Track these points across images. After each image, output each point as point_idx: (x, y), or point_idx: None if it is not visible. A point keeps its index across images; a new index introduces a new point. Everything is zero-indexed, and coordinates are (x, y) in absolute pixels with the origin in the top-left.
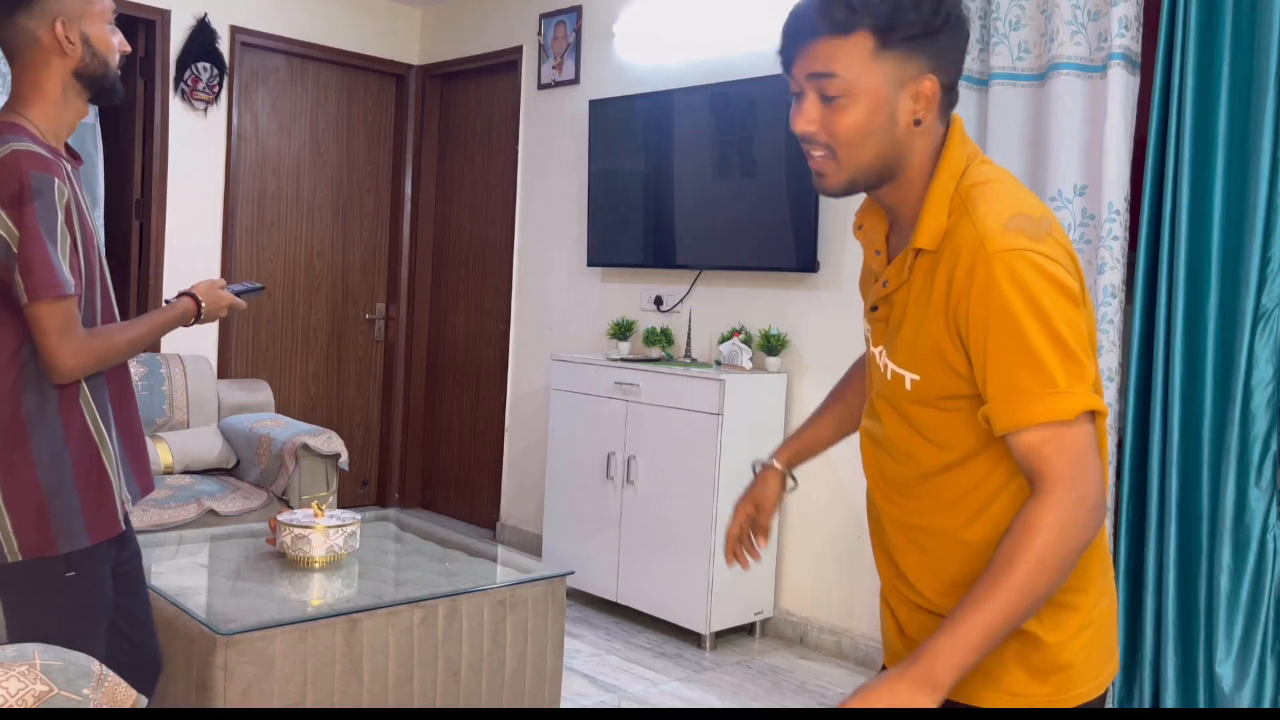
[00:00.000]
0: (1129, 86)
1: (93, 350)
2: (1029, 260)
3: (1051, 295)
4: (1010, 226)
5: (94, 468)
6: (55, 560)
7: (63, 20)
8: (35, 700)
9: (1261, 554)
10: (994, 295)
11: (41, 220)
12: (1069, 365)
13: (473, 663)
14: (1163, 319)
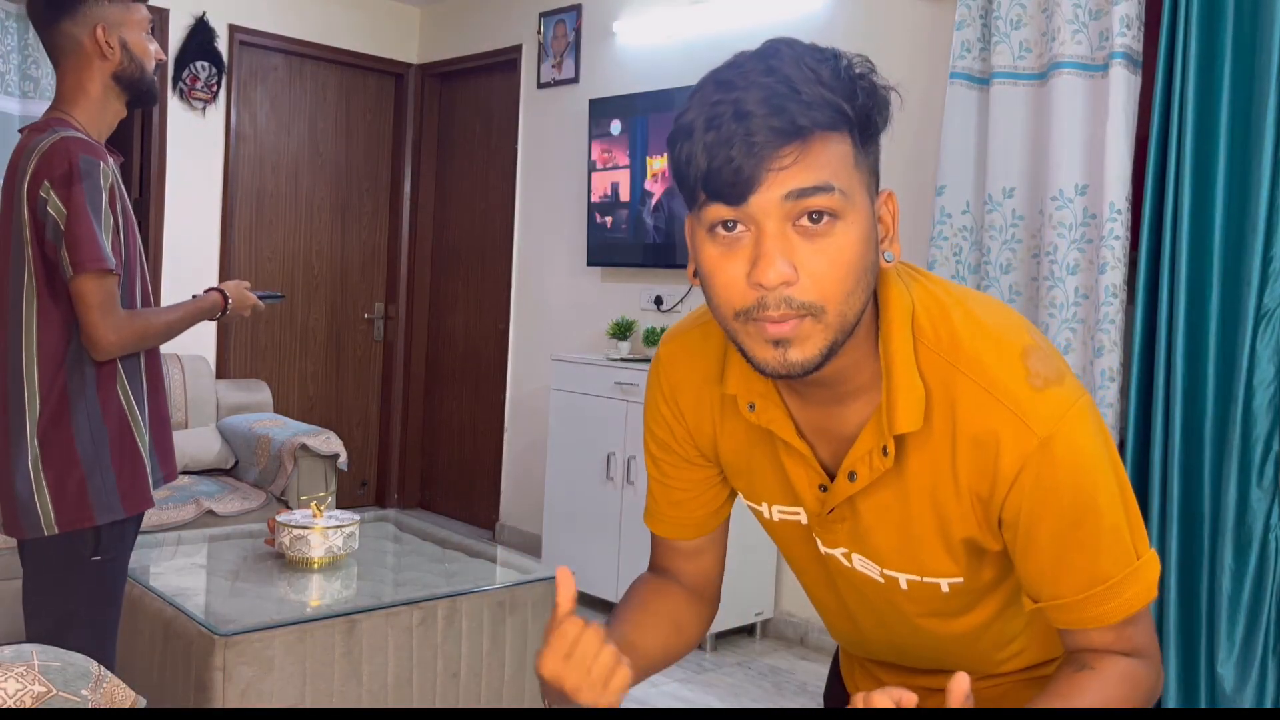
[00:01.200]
0: (1130, 86)
1: (132, 329)
2: (1079, 423)
3: (1110, 457)
4: (1036, 384)
5: (127, 444)
6: (87, 539)
7: (103, 26)
8: (34, 701)
9: (1263, 555)
10: (1065, 489)
11: (89, 199)
12: (1137, 524)
13: (472, 664)
14: (1164, 319)
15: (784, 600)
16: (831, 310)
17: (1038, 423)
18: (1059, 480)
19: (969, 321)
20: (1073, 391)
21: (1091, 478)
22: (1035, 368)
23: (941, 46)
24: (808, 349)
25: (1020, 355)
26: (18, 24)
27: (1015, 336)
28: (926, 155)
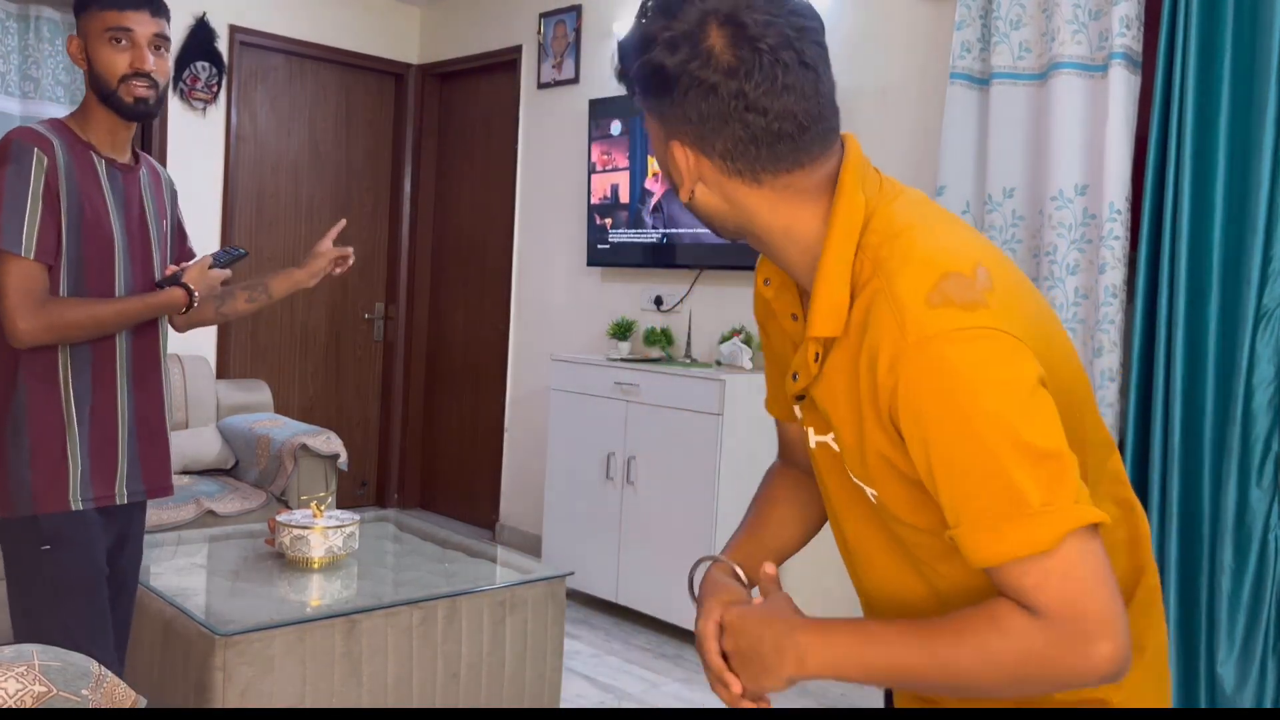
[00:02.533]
0: (1130, 86)
1: (49, 317)
2: (966, 344)
3: (1003, 388)
4: (934, 300)
5: (53, 443)
6: (30, 526)
7: (77, 40)
8: (34, 701)
9: (1263, 555)
10: (928, 399)
11: (9, 183)
12: (1040, 473)
13: (472, 663)
14: (1164, 319)
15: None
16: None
17: (912, 329)
18: (924, 400)
19: (913, 241)
20: (977, 318)
21: (965, 406)
22: (945, 288)
23: (941, 47)
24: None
25: (938, 277)
26: (18, 24)
27: (947, 262)
28: (926, 155)
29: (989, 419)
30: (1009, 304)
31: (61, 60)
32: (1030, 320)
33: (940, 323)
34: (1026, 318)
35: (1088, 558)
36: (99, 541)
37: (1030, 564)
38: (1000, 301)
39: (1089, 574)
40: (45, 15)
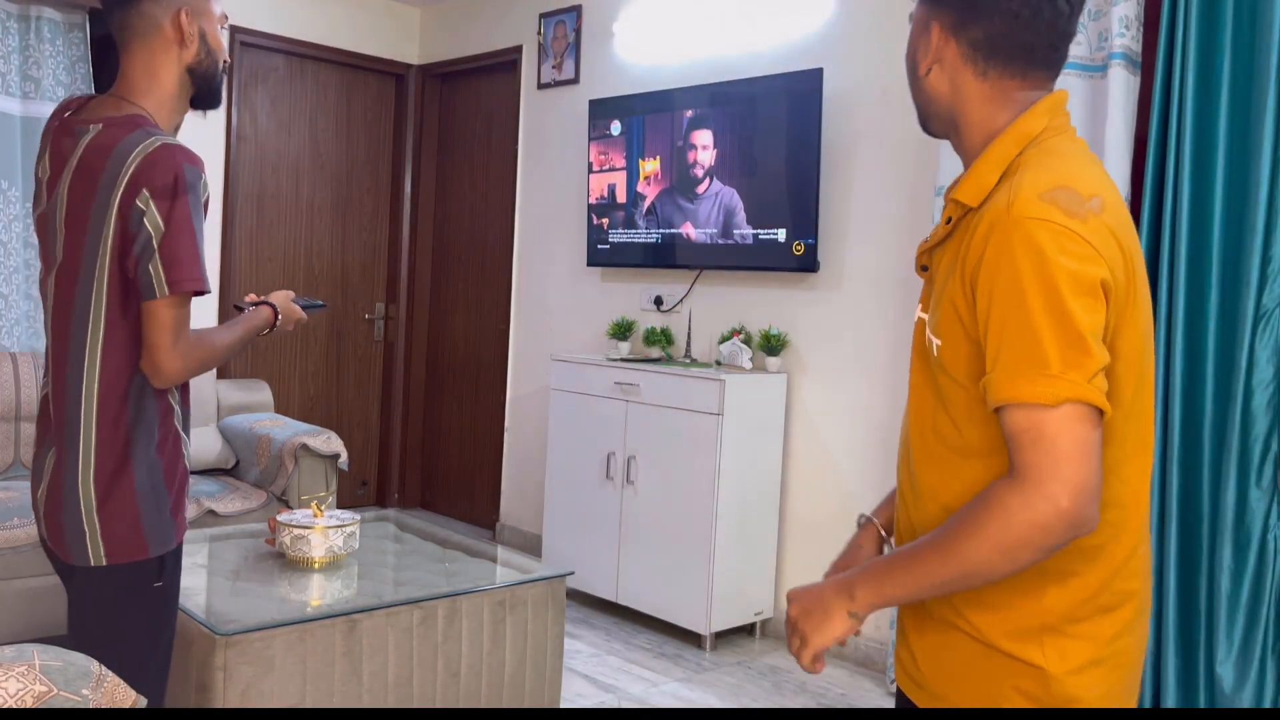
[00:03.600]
0: (1129, 86)
1: (198, 355)
2: (1053, 232)
3: (1068, 272)
4: (1046, 197)
5: (179, 474)
6: (150, 567)
7: (187, 11)
8: (35, 701)
9: (1262, 555)
10: (1005, 261)
11: (194, 214)
12: (1069, 350)
13: (472, 663)
14: (1163, 319)
15: (784, 600)
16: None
17: (1018, 206)
18: (1003, 260)
19: (1056, 162)
20: (1074, 224)
21: (1030, 274)
22: (1057, 193)
23: None
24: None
25: (1057, 185)
26: (19, 24)
27: (1071, 181)
28: (926, 155)
29: (1045, 291)
30: (1104, 233)
31: (62, 60)
32: (1130, 264)
33: (1040, 211)
34: (1129, 257)
35: (1077, 427)
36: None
37: (1029, 411)
38: (1098, 224)
39: (1071, 447)
40: (46, 15)
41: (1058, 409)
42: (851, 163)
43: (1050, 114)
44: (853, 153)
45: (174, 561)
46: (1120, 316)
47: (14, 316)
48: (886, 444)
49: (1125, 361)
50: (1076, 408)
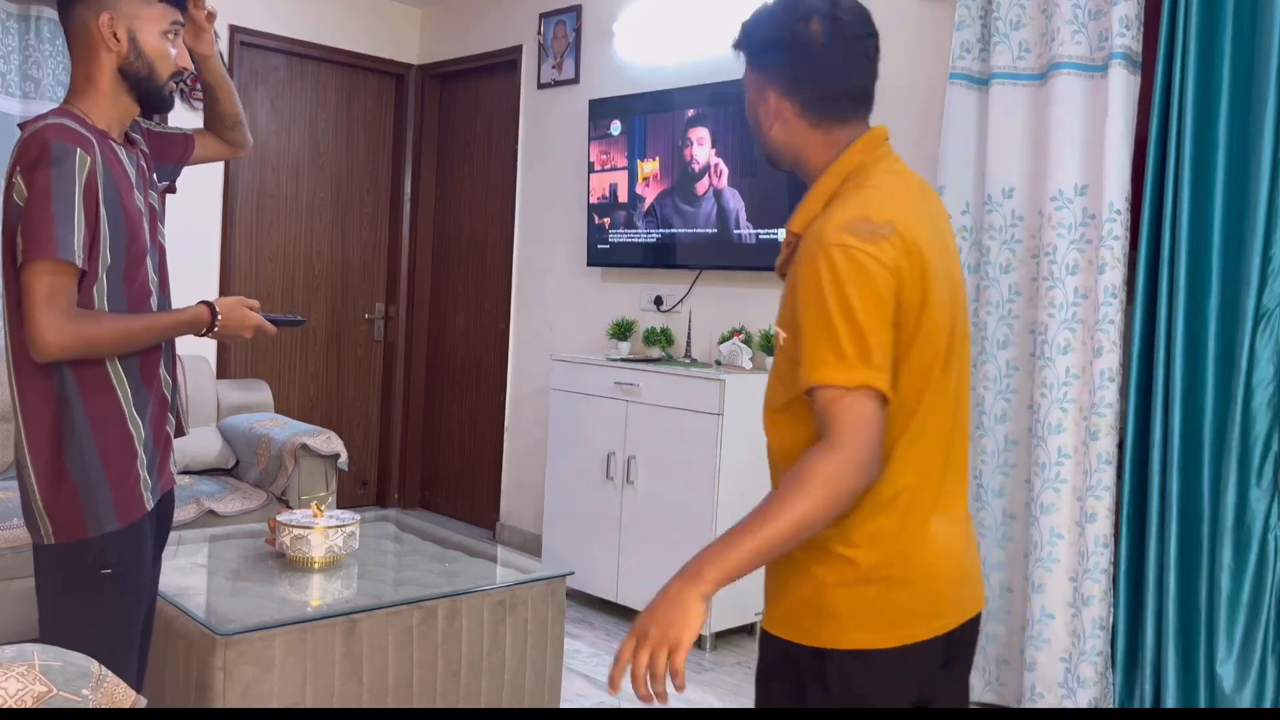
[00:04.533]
0: (1129, 86)
1: (77, 331)
2: (849, 255)
3: (858, 285)
4: (845, 227)
5: (126, 453)
6: (93, 549)
7: (110, 14)
8: (34, 701)
9: (1262, 554)
10: (812, 277)
11: (55, 185)
12: (859, 346)
13: (472, 663)
14: (1163, 319)
15: None
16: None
17: (826, 235)
18: (812, 277)
19: (863, 195)
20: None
21: (830, 288)
22: (855, 224)
23: (941, 47)
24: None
25: (858, 216)
26: (18, 24)
27: (869, 211)
28: (926, 156)
29: (838, 299)
30: (893, 253)
31: (62, 60)
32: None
33: (840, 238)
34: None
35: (865, 404)
36: (149, 555)
37: (833, 390)
38: (887, 246)
39: (864, 419)
40: (46, 15)
41: (851, 391)
42: None
43: (866, 150)
44: None
45: (125, 545)
46: (915, 324)
47: None
48: None
49: (919, 350)
50: (864, 390)
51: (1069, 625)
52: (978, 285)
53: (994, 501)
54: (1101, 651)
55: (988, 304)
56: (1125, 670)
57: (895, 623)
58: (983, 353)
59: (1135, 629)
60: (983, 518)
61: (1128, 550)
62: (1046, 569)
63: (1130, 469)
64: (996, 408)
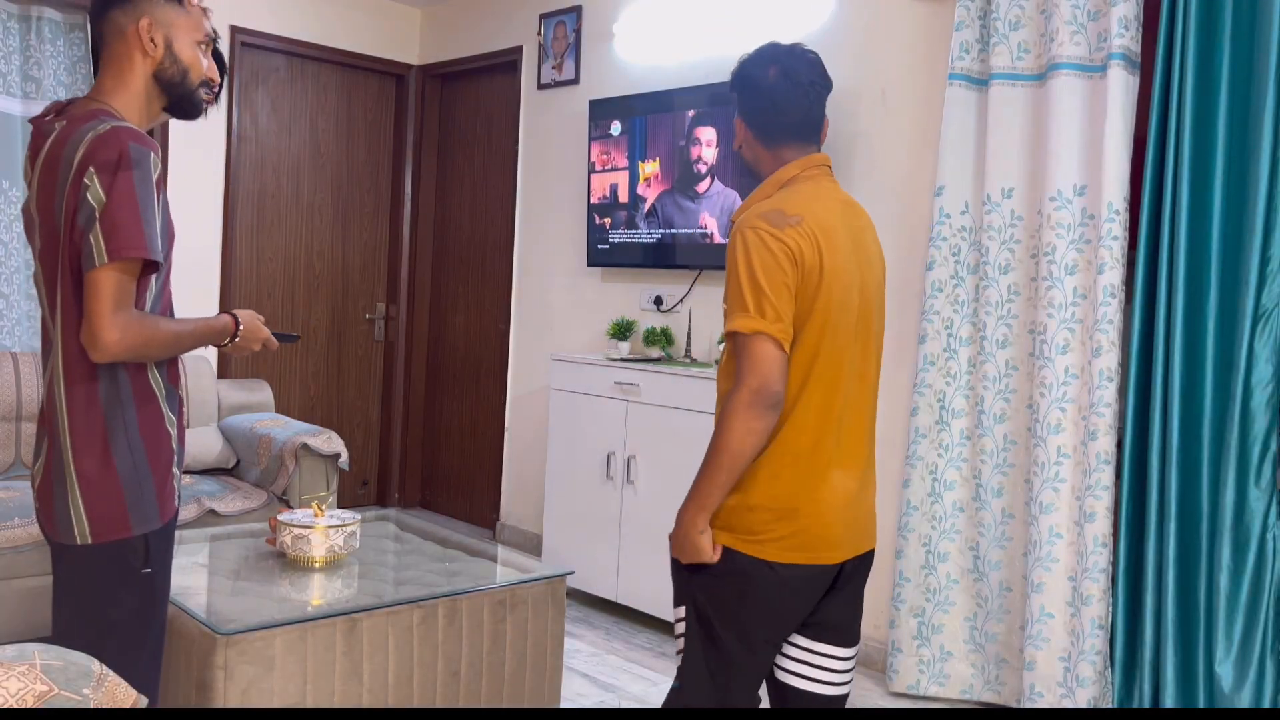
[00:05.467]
0: (1129, 86)
1: (138, 333)
2: (755, 234)
3: (761, 256)
4: (760, 214)
5: (164, 455)
6: (136, 549)
7: (149, 20)
8: (35, 700)
9: (1261, 554)
10: (731, 252)
11: (139, 188)
12: (760, 302)
13: (472, 663)
14: (1162, 319)
15: None
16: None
17: (744, 219)
18: (731, 247)
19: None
20: (774, 230)
21: (740, 256)
22: (769, 214)
23: (940, 48)
24: None
25: (774, 208)
26: (19, 24)
27: (785, 207)
28: (926, 156)
29: (747, 265)
30: (796, 239)
31: (63, 60)
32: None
33: (754, 221)
34: (817, 251)
35: (765, 347)
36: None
37: (739, 336)
38: (793, 234)
39: (765, 359)
40: (47, 15)
41: (750, 336)
42: (851, 163)
43: (801, 167)
44: (852, 153)
45: (161, 545)
46: (813, 296)
47: (15, 316)
48: (884, 442)
49: (815, 317)
50: (761, 335)
51: (1068, 625)
52: (977, 285)
53: (993, 501)
54: (1100, 651)
55: (987, 304)
56: (1124, 670)
57: (797, 546)
58: (982, 353)
59: (1134, 628)
60: (982, 517)
61: (1127, 550)
62: (1045, 568)
63: (1129, 469)
64: (996, 407)
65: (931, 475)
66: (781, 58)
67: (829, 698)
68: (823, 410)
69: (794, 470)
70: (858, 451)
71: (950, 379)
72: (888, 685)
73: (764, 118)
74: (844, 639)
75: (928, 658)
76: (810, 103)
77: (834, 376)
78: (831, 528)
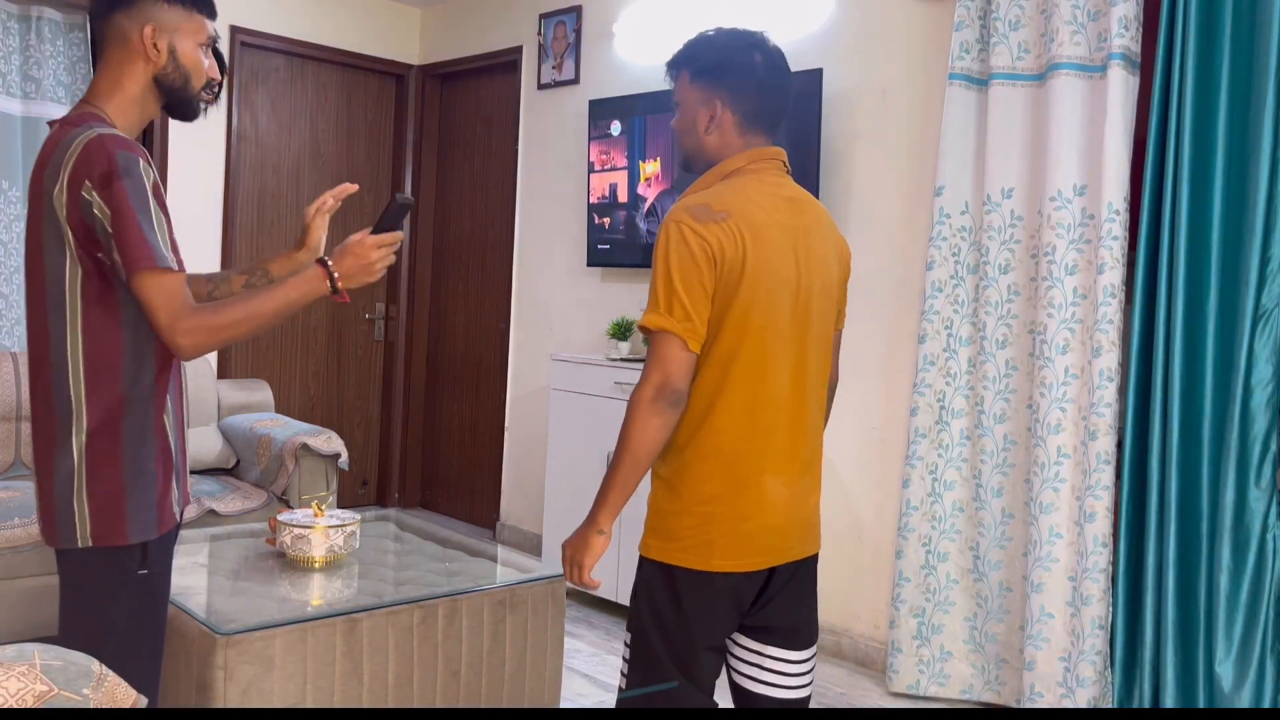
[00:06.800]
0: (1129, 86)
1: (203, 324)
2: (678, 229)
3: (679, 253)
4: (688, 209)
5: (167, 462)
6: (134, 553)
7: (154, 26)
8: (35, 700)
9: (1261, 554)
10: (656, 245)
11: (132, 197)
12: (670, 299)
13: (472, 663)
14: (1162, 319)
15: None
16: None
17: (670, 213)
18: (658, 238)
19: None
20: (696, 225)
21: (660, 251)
22: (695, 209)
23: (940, 48)
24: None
25: (702, 202)
26: (19, 24)
27: (713, 202)
28: (925, 156)
29: (663, 264)
30: (719, 235)
31: (62, 60)
32: (729, 254)
33: (678, 215)
34: (737, 247)
35: (671, 344)
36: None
37: (646, 331)
38: (717, 229)
39: (667, 355)
40: (46, 15)
41: (655, 332)
42: (851, 163)
43: (749, 159)
44: (852, 153)
45: (160, 549)
46: (731, 294)
47: (14, 316)
48: (883, 442)
49: (733, 317)
50: (665, 334)
51: (1068, 625)
52: (977, 285)
53: (993, 501)
54: (1100, 651)
55: (987, 304)
56: (1124, 670)
57: (717, 554)
58: (982, 353)
59: (1134, 628)
60: (982, 517)
61: (1126, 550)
62: (1045, 568)
63: (1129, 469)
64: (995, 408)
65: (931, 475)
66: (762, 45)
67: (787, 700)
68: (746, 413)
69: (719, 474)
70: (792, 456)
71: (950, 379)
72: (888, 685)
73: (749, 103)
74: (793, 642)
75: (928, 658)
76: (787, 94)
77: (757, 378)
78: (754, 536)
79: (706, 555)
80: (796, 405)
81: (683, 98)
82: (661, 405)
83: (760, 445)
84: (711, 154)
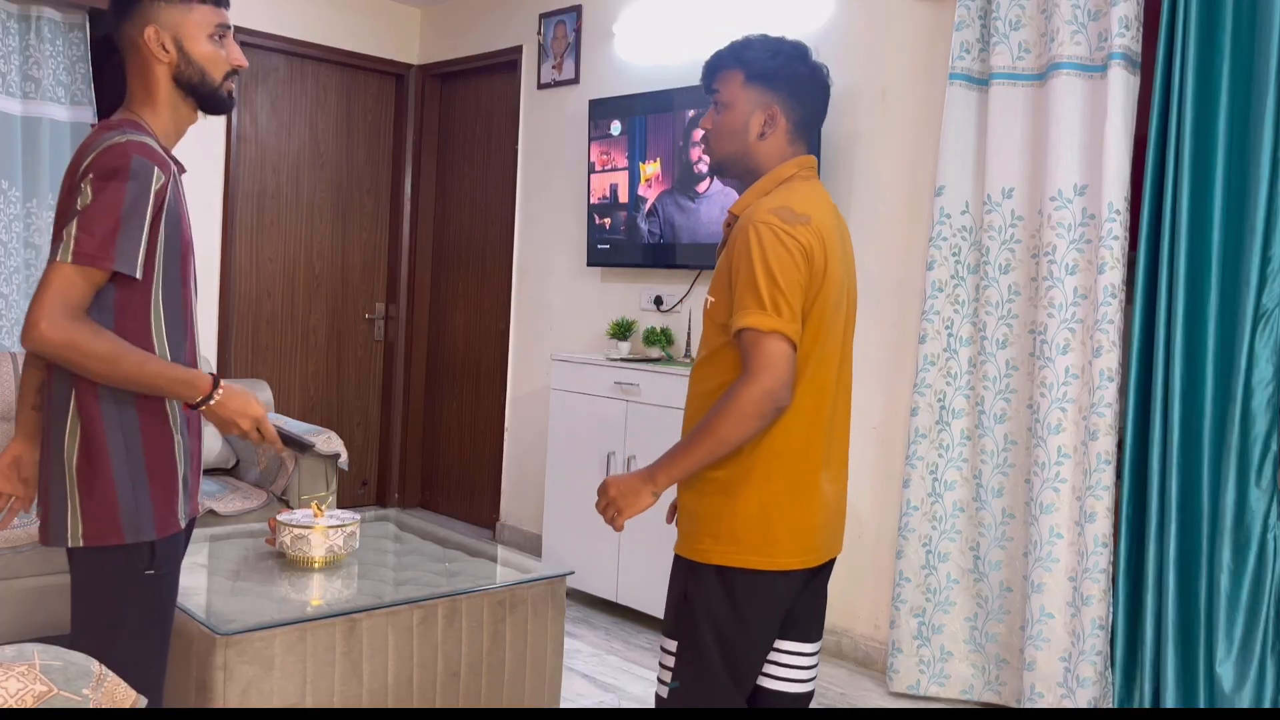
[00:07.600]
0: (1129, 86)
1: (71, 336)
2: (769, 230)
3: (776, 251)
4: (772, 210)
5: (166, 467)
6: (136, 552)
7: (154, 27)
8: (35, 700)
9: (1262, 554)
10: (744, 244)
11: (128, 199)
12: (775, 298)
13: (472, 663)
14: (1163, 319)
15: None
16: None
17: (756, 214)
18: (741, 242)
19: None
20: (786, 226)
21: (755, 251)
22: (780, 210)
23: (941, 47)
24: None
25: (783, 205)
26: (19, 24)
27: (794, 205)
28: (926, 156)
29: (762, 260)
30: (805, 236)
31: (62, 60)
32: (827, 254)
33: (767, 217)
34: (824, 249)
35: (779, 345)
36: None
37: (753, 333)
38: (803, 230)
39: (778, 357)
40: (46, 15)
41: (766, 334)
42: (851, 163)
43: (798, 167)
44: (852, 153)
45: (169, 550)
46: (815, 296)
47: (14, 316)
48: (884, 442)
49: (813, 319)
50: (776, 334)
51: (1068, 625)
52: (977, 285)
53: (993, 501)
54: (1101, 651)
55: (987, 304)
56: (1124, 670)
57: (787, 551)
58: (982, 353)
59: (1134, 629)
60: (982, 517)
61: (1127, 550)
62: (1046, 568)
63: (1129, 469)
64: (996, 407)
65: (932, 475)
66: (810, 56)
67: (795, 695)
68: (813, 414)
69: (785, 473)
70: (842, 457)
71: (950, 379)
72: (888, 685)
73: (803, 111)
74: (807, 634)
75: (928, 658)
76: (827, 107)
77: (824, 381)
78: (816, 533)
79: (772, 555)
80: (843, 406)
81: (732, 98)
82: (767, 409)
83: (820, 444)
84: (759, 158)
